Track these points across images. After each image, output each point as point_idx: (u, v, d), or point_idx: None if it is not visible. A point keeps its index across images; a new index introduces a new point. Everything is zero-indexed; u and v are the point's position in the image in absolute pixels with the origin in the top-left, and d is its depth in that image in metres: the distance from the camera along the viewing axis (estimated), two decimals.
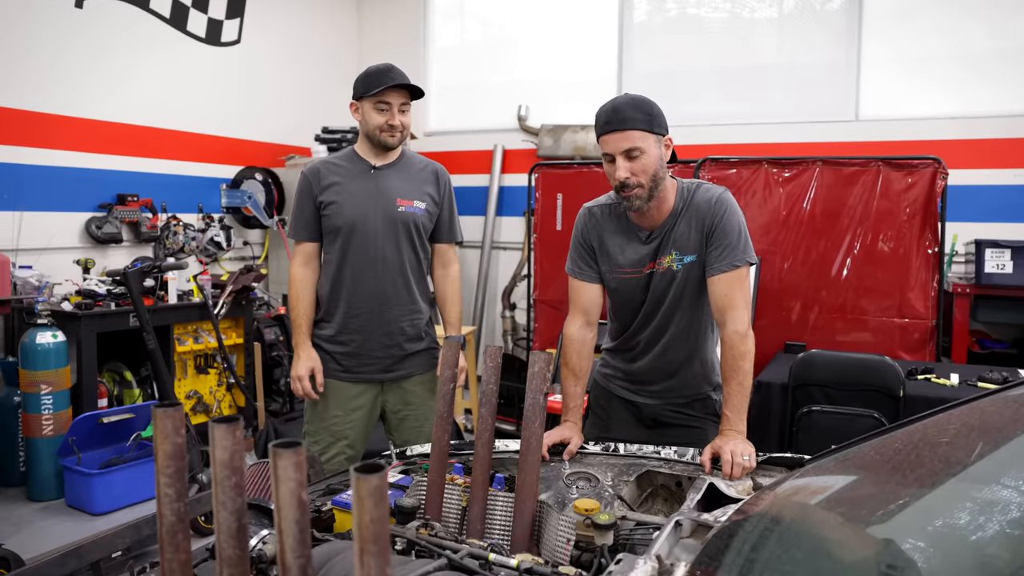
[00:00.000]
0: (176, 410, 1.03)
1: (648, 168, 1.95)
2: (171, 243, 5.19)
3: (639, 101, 1.97)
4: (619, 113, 1.93)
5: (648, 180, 1.96)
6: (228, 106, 5.74)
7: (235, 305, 5.01)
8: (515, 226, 6.26)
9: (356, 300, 2.57)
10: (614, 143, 1.94)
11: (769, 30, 5.49)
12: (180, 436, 1.05)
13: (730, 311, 1.98)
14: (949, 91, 4.94)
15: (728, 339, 1.96)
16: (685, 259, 2.05)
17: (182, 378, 4.84)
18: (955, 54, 4.93)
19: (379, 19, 6.88)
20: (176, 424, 1.04)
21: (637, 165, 1.94)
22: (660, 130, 1.97)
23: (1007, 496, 1.13)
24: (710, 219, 2.02)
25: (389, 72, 2.50)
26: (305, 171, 2.63)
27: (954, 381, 3.30)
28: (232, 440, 0.98)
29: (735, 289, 1.99)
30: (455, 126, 6.56)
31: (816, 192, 4.11)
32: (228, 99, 5.73)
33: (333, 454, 2.60)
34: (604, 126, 1.96)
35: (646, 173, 1.95)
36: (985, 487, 1.18)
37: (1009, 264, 4.20)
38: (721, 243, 2.00)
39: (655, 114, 1.97)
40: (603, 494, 1.74)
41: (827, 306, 4.09)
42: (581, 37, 6.09)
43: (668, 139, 2.00)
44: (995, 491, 1.16)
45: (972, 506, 1.14)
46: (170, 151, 5.35)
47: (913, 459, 1.48)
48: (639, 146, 1.93)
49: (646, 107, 1.96)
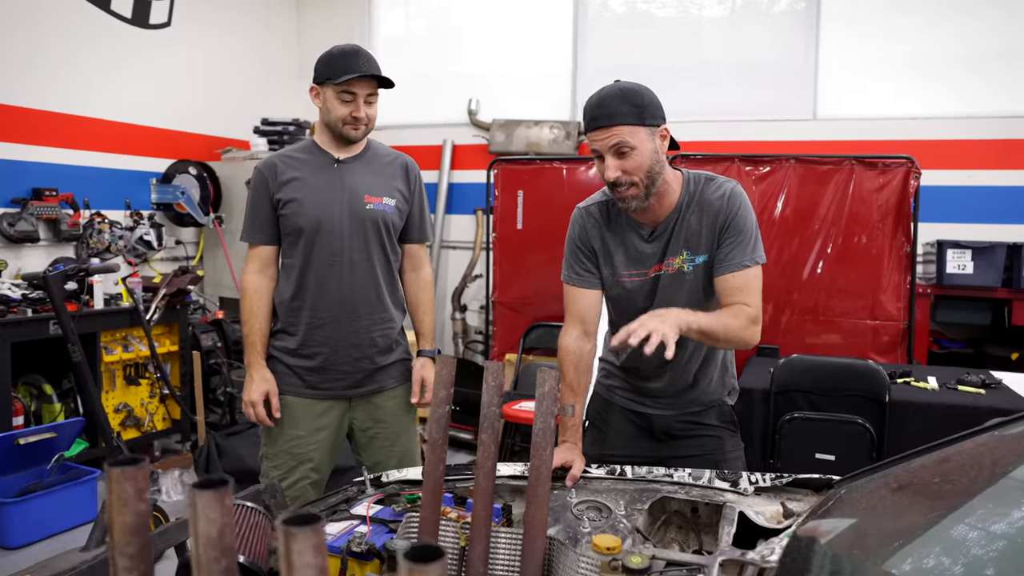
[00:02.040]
0: (138, 469, 0.78)
1: (641, 164, 1.76)
2: (95, 242, 4.76)
3: (628, 91, 1.77)
4: (605, 107, 1.75)
5: (642, 177, 1.77)
6: (158, 94, 5.32)
7: (169, 310, 4.63)
8: (465, 224, 6.03)
9: (321, 308, 2.30)
10: (601, 140, 1.76)
11: (719, 28, 5.43)
12: (143, 502, 0.80)
13: (742, 304, 1.82)
14: (910, 91, 4.96)
15: (739, 310, 1.80)
16: (697, 259, 1.87)
17: (110, 390, 4.44)
18: (914, 54, 4.95)
19: (320, 6, 6.54)
20: (139, 487, 0.78)
21: (629, 163, 1.75)
22: (653, 121, 1.77)
23: None
24: (724, 215, 1.84)
25: (356, 57, 2.24)
26: (259, 165, 2.35)
27: (933, 384, 3.25)
28: (221, 511, 0.73)
29: (749, 287, 1.82)
30: (402, 120, 6.27)
31: (789, 191, 4.04)
32: (158, 87, 5.31)
33: (296, 479, 2.32)
34: (590, 122, 1.77)
35: (640, 170, 1.77)
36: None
37: (970, 265, 4.26)
38: (735, 240, 1.84)
39: (646, 104, 1.77)
40: (618, 526, 1.55)
41: (799, 308, 4.04)
42: (535, 30, 5.91)
43: (663, 129, 1.80)
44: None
45: None
46: (93, 142, 4.92)
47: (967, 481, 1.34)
48: (628, 142, 1.74)
49: (635, 97, 1.76)
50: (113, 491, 0.77)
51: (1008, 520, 1.14)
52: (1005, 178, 4.73)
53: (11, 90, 4.42)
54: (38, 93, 4.56)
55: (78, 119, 4.81)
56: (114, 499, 0.77)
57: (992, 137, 4.75)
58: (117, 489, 0.77)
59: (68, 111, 4.75)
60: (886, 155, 4.01)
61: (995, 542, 1.09)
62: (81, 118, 4.83)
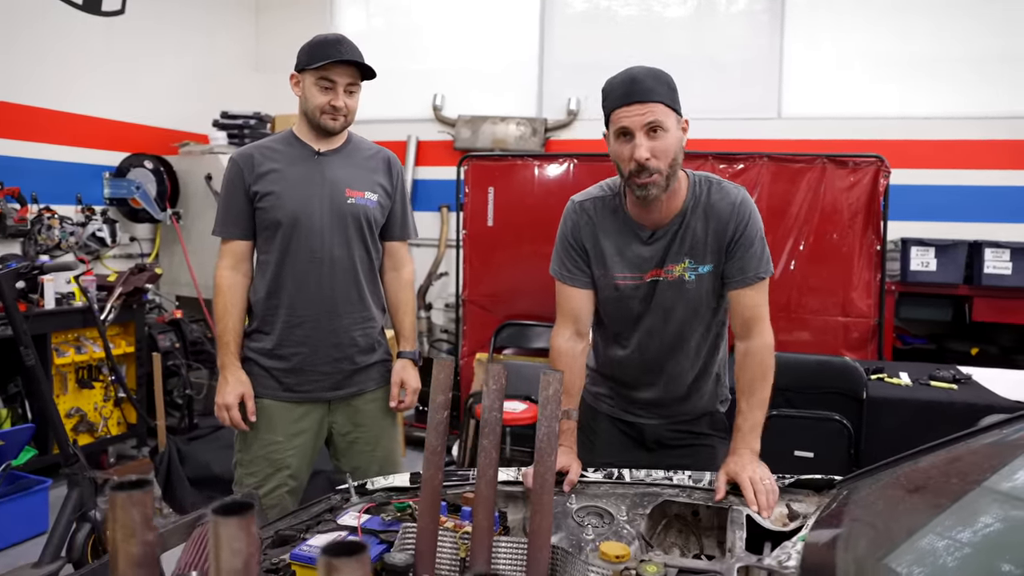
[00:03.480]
0: (145, 493, 0.69)
1: (669, 150, 1.66)
2: (44, 239, 4.54)
3: (659, 72, 1.69)
4: (640, 83, 1.64)
5: (667, 166, 1.67)
6: (112, 84, 5.10)
7: (125, 309, 4.44)
8: (430, 222, 5.91)
9: (299, 307, 2.20)
10: (635, 117, 1.63)
11: (683, 26, 5.43)
12: (151, 530, 0.71)
13: (757, 322, 1.79)
14: (873, 91, 5.01)
15: (757, 351, 1.76)
16: (700, 269, 1.78)
17: (62, 394, 4.24)
18: (878, 54, 5.01)
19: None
20: (146, 513, 0.70)
21: (659, 145, 1.64)
22: (679, 109, 1.70)
23: None
24: (734, 225, 1.76)
25: (338, 44, 2.15)
26: (235, 156, 2.24)
27: (906, 380, 3.27)
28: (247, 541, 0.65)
29: (762, 301, 1.79)
30: (364, 115, 6.09)
31: (762, 189, 4.05)
32: (112, 76, 5.09)
33: (273, 486, 2.22)
34: (622, 97, 1.65)
35: (667, 155, 1.66)
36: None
37: (933, 262, 4.35)
38: (746, 252, 1.77)
39: (676, 89, 1.70)
40: (621, 532, 1.50)
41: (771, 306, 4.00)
42: (500, 26, 5.83)
43: (686, 121, 1.73)
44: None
45: None
46: (42, 133, 4.68)
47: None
48: (663, 122, 1.63)
49: (669, 79, 1.69)
50: (118, 519, 0.68)
51: (1011, 520, 1.13)
52: (967, 177, 4.82)
53: None
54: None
55: (26, 109, 4.58)
56: (118, 528, 0.68)
57: (955, 137, 4.83)
58: (122, 517, 0.68)
59: (15, 100, 4.51)
60: (857, 154, 4.04)
61: (1009, 539, 1.08)
62: (29, 108, 4.60)
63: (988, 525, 1.13)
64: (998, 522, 1.14)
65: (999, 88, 4.80)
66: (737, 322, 1.81)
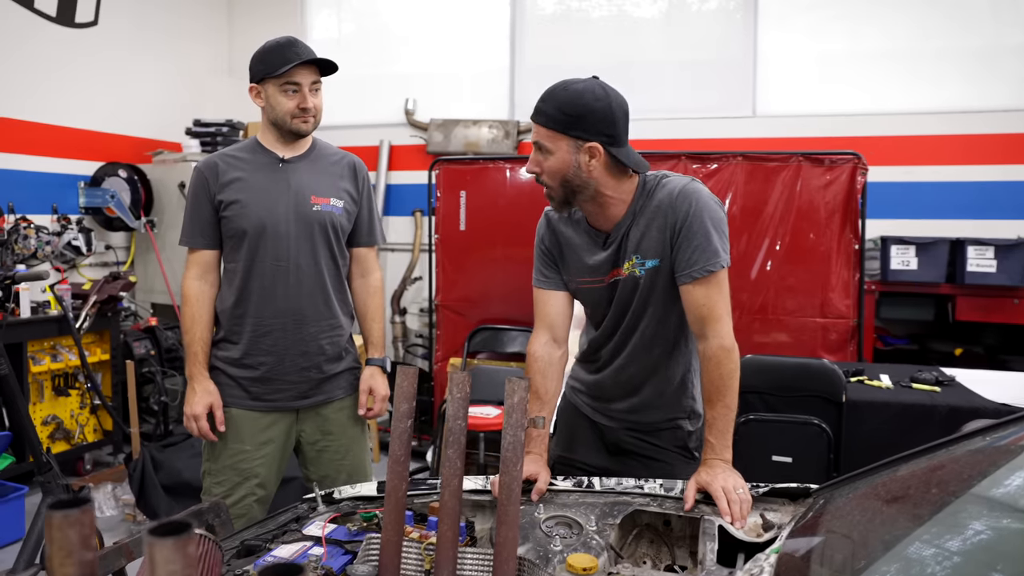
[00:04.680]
0: (83, 512, 0.70)
1: (554, 172, 1.73)
2: (20, 248, 4.51)
3: (570, 98, 1.69)
4: (541, 102, 1.74)
5: (557, 185, 1.75)
6: (86, 95, 5.08)
7: (100, 317, 4.42)
8: (404, 226, 5.87)
9: (266, 316, 2.20)
10: (534, 130, 1.76)
11: (656, 27, 5.45)
12: (90, 550, 0.72)
13: (711, 323, 1.72)
14: (850, 88, 5.01)
15: (712, 354, 1.71)
16: (647, 264, 1.78)
17: (38, 402, 4.22)
18: (853, 50, 5.02)
19: (251, 6, 6.33)
20: (83, 533, 0.71)
21: (544, 163, 1.74)
22: (583, 135, 1.68)
23: None
24: (672, 216, 1.73)
25: (293, 47, 2.14)
26: (199, 165, 2.23)
27: (887, 383, 3.23)
28: (183, 562, 0.66)
29: (714, 297, 1.72)
30: (337, 120, 6.07)
31: (736, 189, 4.03)
32: (85, 87, 5.08)
33: (241, 496, 2.21)
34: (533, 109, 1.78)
35: (552, 176, 1.74)
36: None
37: (914, 261, 4.30)
38: (690, 244, 1.71)
39: (580, 115, 1.67)
40: (590, 543, 1.48)
41: (747, 308, 4.01)
42: (471, 30, 5.83)
43: (592, 146, 1.69)
44: None
45: None
46: (17, 144, 4.66)
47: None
48: (544, 144, 1.73)
49: (572, 106, 1.68)
50: (54, 540, 0.69)
51: (995, 530, 1.10)
52: (947, 174, 4.79)
53: None
54: None
55: (1, 120, 4.56)
56: (55, 548, 0.69)
57: (934, 133, 4.81)
58: (59, 537, 0.69)
59: None
60: (833, 151, 4.01)
61: (996, 549, 1.05)
62: (4, 120, 4.58)
63: (971, 536, 1.10)
64: (982, 532, 1.11)
65: (980, 83, 4.79)
66: (691, 322, 1.78)
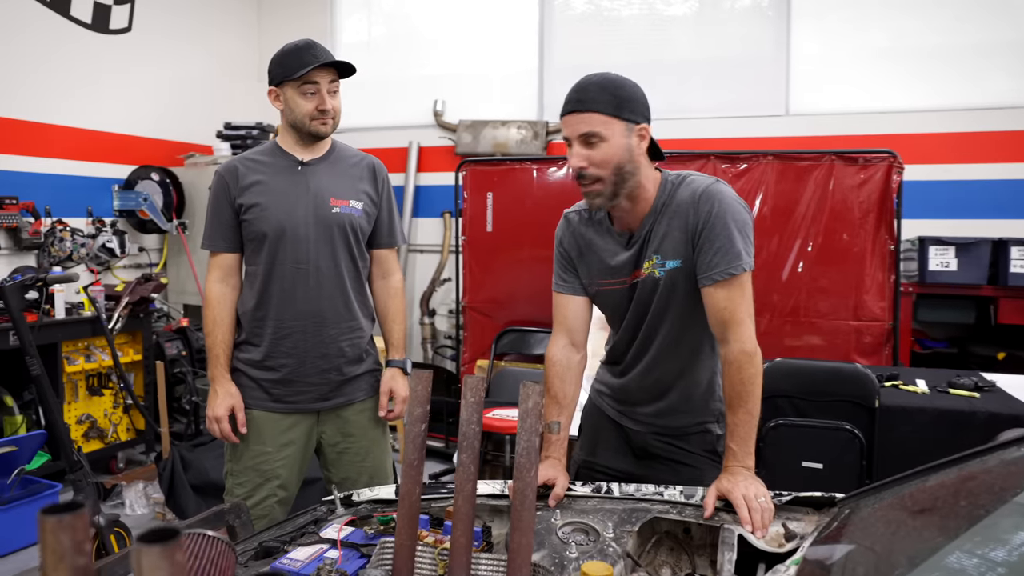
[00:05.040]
0: (76, 516, 0.71)
1: (609, 159, 1.66)
2: (57, 251, 4.63)
3: (609, 81, 1.68)
4: (580, 92, 1.66)
5: (610, 173, 1.67)
6: (119, 100, 5.19)
7: (132, 318, 4.51)
8: (433, 228, 5.94)
9: (286, 318, 2.21)
10: (571, 126, 1.67)
11: (687, 25, 5.39)
12: (83, 555, 0.72)
13: (732, 326, 1.68)
14: (885, 85, 4.90)
15: (733, 359, 1.67)
16: (668, 264, 1.75)
17: (72, 401, 4.31)
18: (888, 47, 4.91)
19: (281, 10, 6.41)
20: (76, 539, 0.71)
21: (596, 154, 1.66)
22: (632, 116, 1.67)
23: None
24: (695, 217, 1.70)
25: (312, 49, 2.15)
26: (220, 170, 2.26)
27: (923, 388, 3.13)
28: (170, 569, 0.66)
29: (736, 300, 1.68)
30: (367, 122, 6.16)
31: (767, 188, 3.95)
32: (119, 92, 5.18)
33: (262, 497, 2.23)
34: (565, 105, 1.69)
35: (607, 164, 1.66)
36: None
37: (953, 262, 4.16)
38: (712, 246, 1.68)
39: (627, 97, 1.67)
40: (607, 551, 1.45)
41: (779, 310, 3.94)
42: (500, 31, 5.83)
43: (643, 128, 1.70)
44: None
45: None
46: (54, 149, 4.78)
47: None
48: (599, 132, 1.65)
49: (615, 88, 1.67)
50: (47, 544, 0.69)
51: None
52: (988, 172, 4.64)
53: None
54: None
55: (38, 126, 4.68)
56: (48, 553, 0.69)
57: (975, 130, 4.67)
58: (52, 541, 0.69)
59: (28, 118, 4.62)
60: (867, 150, 3.92)
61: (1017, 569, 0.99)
62: (41, 125, 4.70)
63: (1007, 551, 1.04)
64: (1018, 548, 1.05)
65: (1022, 78, 4.64)
66: (713, 325, 1.74)
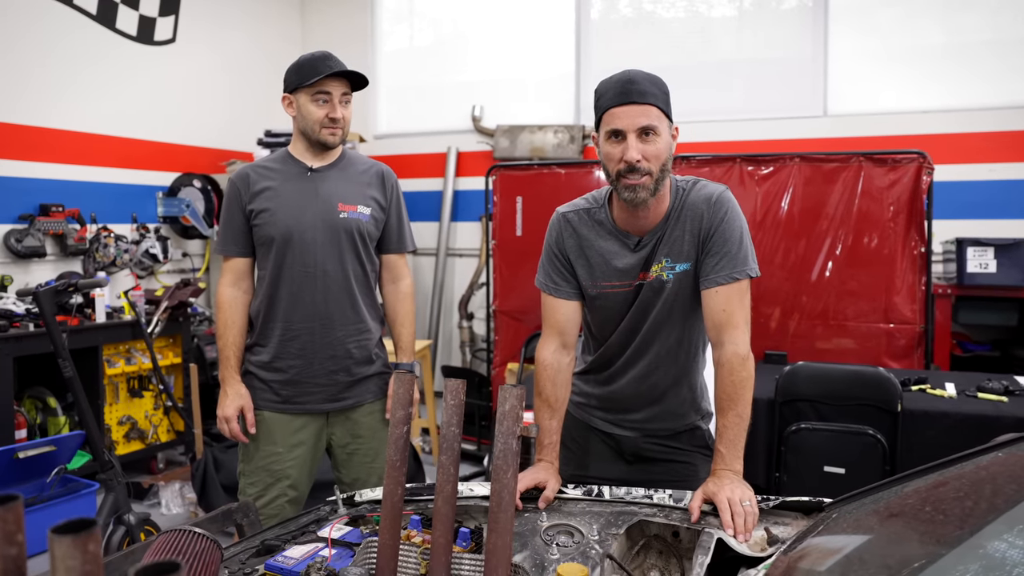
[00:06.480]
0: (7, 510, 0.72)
1: (660, 154, 1.65)
2: (101, 256, 4.79)
3: (655, 76, 1.68)
4: (636, 84, 1.63)
5: (658, 169, 1.66)
6: (163, 109, 5.35)
7: (171, 322, 4.64)
8: (471, 232, 5.98)
9: (295, 320, 2.26)
10: (628, 117, 1.63)
11: (728, 27, 5.33)
12: (15, 546, 0.74)
13: (729, 329, 1.68)
14: (922, 84, 4.81)
15: (727, 362, 1.67)
16: (678, 267, 1.74)
17: (114, 403, 4.45)
18: (925, 46, 4.82)
19: (323, 20, 6.54)
20: (7, 529, 0.73)
21: (650, 148, 1.63)
22: (671, 115, 1.70)
23: None
24: (707, 222, 1.72)
25: (327, 59, 2.21)
26: (232, 177, 2.33)
27: (951, 392, 3.06)
28: (82, 558, 0.67)
29: (735, 304, 1.69)
30: (406, 128, 6.25)
31: (795, 191, 3.90)
32: (163, 102, 5.34)
33: (273, 496, 2.28)
34: (617, 96, 1.64)
35: (658, 160, 1.65)
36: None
37: (992, 263, 4.05)
38: (720, 250, 1.71)
39: (669, 95, 1.69)
40: (588, 552, 1.45)
41: (808, 312, 3.88)
42: (536, 36, 5.85)
43: (676, 128, 1.72)
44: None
45: None
46: (99, 157, 4.94)
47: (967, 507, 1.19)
48: (656, 126, 1.63)
49: (664, 85, 1.68)
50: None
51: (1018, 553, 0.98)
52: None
53: (18, 108, 4.45)
54: (45, 111, 4.59)
55: (85, 136, 4.84)
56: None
57: (1012, 128, 4.56)
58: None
59: (75, 128, 4.78)
60: (895, 151, 3.84)
61: None
62: (87, 135, 4.86)
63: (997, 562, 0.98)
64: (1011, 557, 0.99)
65: None
66: (709, 327, 1.74)
